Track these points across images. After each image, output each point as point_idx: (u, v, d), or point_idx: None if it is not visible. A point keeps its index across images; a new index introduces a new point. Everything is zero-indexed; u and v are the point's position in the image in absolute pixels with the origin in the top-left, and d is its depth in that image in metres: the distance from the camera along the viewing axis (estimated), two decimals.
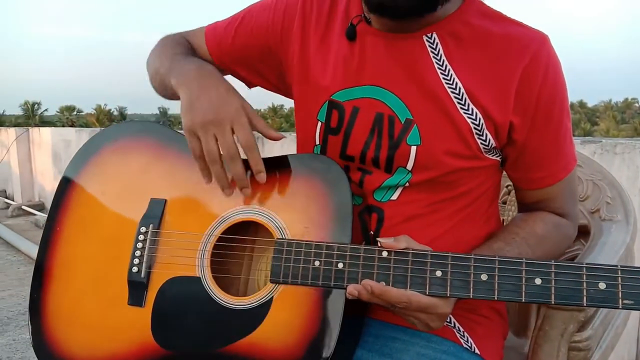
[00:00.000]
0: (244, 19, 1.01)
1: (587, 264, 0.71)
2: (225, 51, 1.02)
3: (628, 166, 1.96)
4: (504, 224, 1.09)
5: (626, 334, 1.90)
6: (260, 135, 0.89)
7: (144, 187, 0.95)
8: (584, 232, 1.08)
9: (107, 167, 0.99)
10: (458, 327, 0.90)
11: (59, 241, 0.97)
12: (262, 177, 0.85)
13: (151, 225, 0.91)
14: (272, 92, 1.08)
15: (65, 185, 1.00)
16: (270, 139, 0.86)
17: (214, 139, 0.82)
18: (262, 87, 1.06)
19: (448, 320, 0.90)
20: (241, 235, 0.89)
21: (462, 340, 0.90)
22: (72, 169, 1.01)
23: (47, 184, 6.71)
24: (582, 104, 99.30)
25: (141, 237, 0.91)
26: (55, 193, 1.00)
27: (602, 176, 1.12)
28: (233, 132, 0.83)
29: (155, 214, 0.92)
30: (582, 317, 0.87)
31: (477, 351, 0.90)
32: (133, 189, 0.96)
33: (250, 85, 1.06)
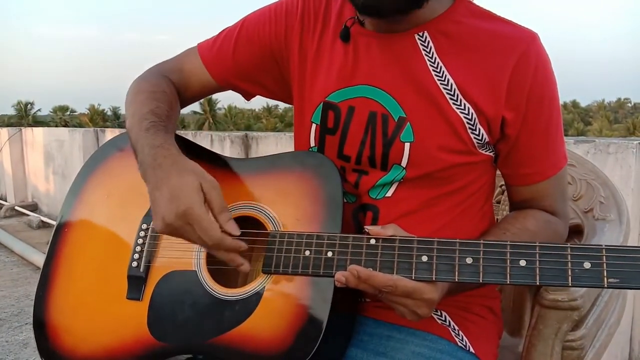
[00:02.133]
0: (242, 31, 1.00)
1: (571, 244, 0.71)
2: (225, 66, 1.01)
3: (621, 166, 1.97)
4: None
5: (619, 334, 1.91)
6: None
7: (144, 188, 0.96)
8: (577, 232, 1.09)
9: (114, 171, 1.03)
10: (453, 325, 0.91)
11: (66, 241, 1.00)
12: (244, 267, 0.83)
13: (152, 223, 0.93)
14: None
15: (76, 188, 1.04)
16: (222, 228, 0.80)
17: (188, 234, 0.80)
18: (261, 95, 1.06)
19: (443, 318, 0.91)
20: (241, 230, 0.90)
21: (457, 339, 0.90)
22: (82, 174, 1.05)
23: (40, 185, 6.68)
24: (575, 104, 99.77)
25: (142, 233, 0.94)
26: (67, 196, 1.05)
27: (596, 176, 1.12)
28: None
29: None
30: (575, 316, 0.88)
31: (472, 350, 0.90)
32: (137, 190, 0.97)
33: (248, 97, 1.07)
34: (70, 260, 0.99)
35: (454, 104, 0.85)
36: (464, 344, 0.90)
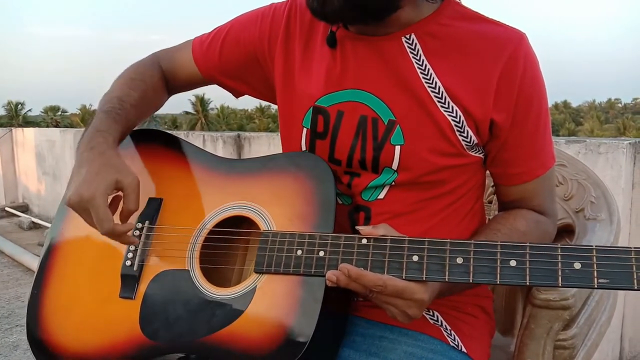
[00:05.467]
0: (230, 31, 1.03)
1: (561, 244, 0.72)
2: (212, 64, 1.04)
3: (612, 166, 1.99)
4: None
5: (610, 332, 1.92)
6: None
7: (142, 189, 0.96)
8: (568, 231, 1.09)
9: None
10: (445, 325, 0.91)
11: (61, 240, 1.01)
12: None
13: (147, 222, 0.95)
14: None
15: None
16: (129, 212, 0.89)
17: (86, 217, 0.86)
18: (249, 95, 1.09)
19: (435, 318, 0.91)
20: (234, 229, 0.91)
21: (449, 339, 0.90)
22: None
23: (31, 185, 6.63)
24: (566, 104, 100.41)
25: (136, 232, 0.95)
26: (64, 197, 1.03)
27: (587, 176, 1.13)
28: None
29: (152, 211, 0.96)
30: (567, 315, 0.88)
31: (464, 350, 0.90)
32: None
33: (237, 94, 1.09)
34: (64, 259, 0.99)
35: (442, 107, 0.85)
36: (456, 343, 0.90)
